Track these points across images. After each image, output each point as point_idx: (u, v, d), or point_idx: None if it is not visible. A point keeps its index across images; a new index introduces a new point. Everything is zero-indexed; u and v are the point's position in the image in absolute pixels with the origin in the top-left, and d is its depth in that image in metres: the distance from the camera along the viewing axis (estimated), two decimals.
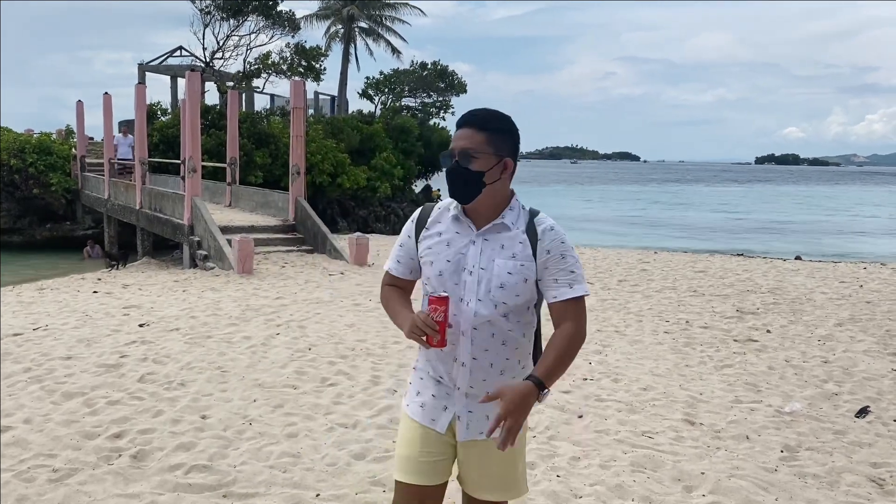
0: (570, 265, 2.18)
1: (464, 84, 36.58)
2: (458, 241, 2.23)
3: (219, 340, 6.97)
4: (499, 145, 2.19)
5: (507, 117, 2.25)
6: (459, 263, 2.21)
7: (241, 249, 11.21)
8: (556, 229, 2.21)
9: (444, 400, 2.28)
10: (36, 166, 22.40)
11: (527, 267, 2.17)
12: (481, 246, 2.21)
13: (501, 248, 2.20)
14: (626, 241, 25.49)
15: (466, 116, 2.23)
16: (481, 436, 2.22)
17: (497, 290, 2.17)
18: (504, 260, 2.18)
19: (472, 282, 2.19)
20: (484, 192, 2.19)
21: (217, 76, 25.75)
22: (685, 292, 10.40)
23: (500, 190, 2.22)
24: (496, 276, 2.17)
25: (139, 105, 16.25)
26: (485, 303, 2.17)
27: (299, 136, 14.25)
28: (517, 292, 2.17)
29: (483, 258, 2.20)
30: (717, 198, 62.86)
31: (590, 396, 5.48)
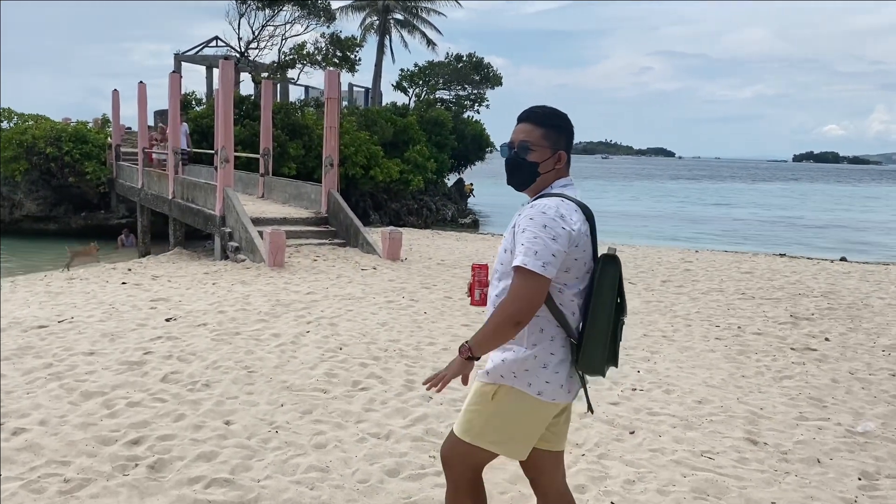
0: (524, 239, 2.28)
1: (499, 77, 36.06)
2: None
3: (247, 338, 6.68)
4: (555, 140, 2.42)
5: (563, 115, 2.49)
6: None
7: (272, 242, 10.95)
8: (535, 207, 2.33)
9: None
10: (71, 155, 22.47)
11: (508, 239, 2.41)
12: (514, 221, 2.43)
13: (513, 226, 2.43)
14: (663, 238, 24.87)
15: (527, 112, 2.48)
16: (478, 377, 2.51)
17: (496, 260, 2.49)
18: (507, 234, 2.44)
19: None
20: (539, 181, 2.45)
21: (252, 67, 25.60)
22: (733, 295, 9.90)
23: (551, 179, 2.45)
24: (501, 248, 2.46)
25: (173, 94, 16.09)
26: (495, 270, 2.50)
27: (333, 128, 13.96)
28: (501, 261, 2.44)
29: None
30: (754, 195, 61.50)
31: (641, 409, 5.07)
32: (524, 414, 2.40)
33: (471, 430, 2.44)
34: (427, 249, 14.67)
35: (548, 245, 2.25)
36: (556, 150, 2.42)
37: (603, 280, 2.35)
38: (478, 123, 35.26)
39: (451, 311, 8.19)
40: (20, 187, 23.10)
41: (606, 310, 2.34)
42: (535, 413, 2.41)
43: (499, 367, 2.39)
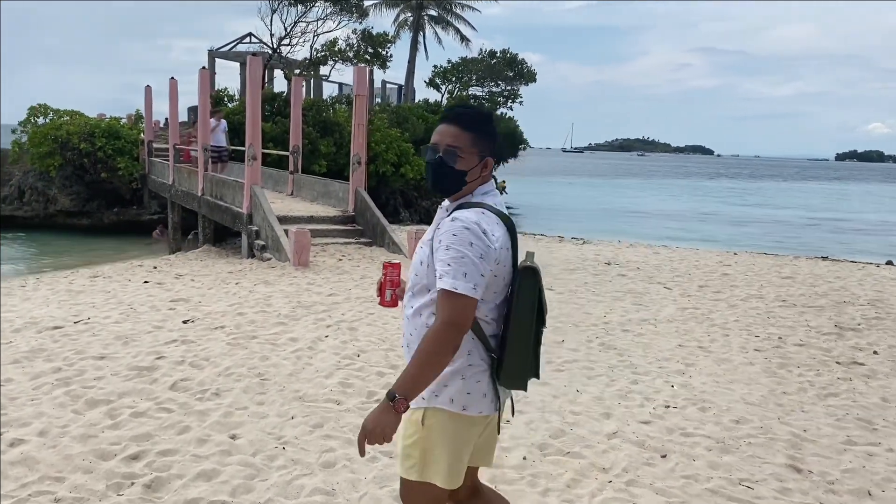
0: (448, 257, 2.14)
1: (533, 73, 35.66)
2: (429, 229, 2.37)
3: (263, 342, 6.47)
4: (483, 145, 2.29)
5: (490, 116, 2.36)
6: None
7: (297, 241, 10.76)
8: (456, 221, 2.18)
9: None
10: (104, 150, 22.63)
11: (423, 251, 2.28)
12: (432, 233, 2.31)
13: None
14: (700, 239, 24.26)
15: (454, 113, 2.32)
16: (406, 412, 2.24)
17: (412, 274, 2.32)
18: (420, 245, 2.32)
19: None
20: (466, 187, 2.31)
21: (284, 63, 25.55)
22: (773, 302, 9.45)
23: (473, 187, 2.31)
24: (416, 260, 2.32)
25: (202, 90, 16.03)
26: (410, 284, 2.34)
27: (361, 125, 13.74)
28: (416, 272, 2.30)
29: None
30: (795, 195, 60.11)
31: (674, 429, 4.73)
32: (454, 434, 2.28)
33: (414, 465, 2.30)
34: None
35: (476, 265, 2.14)
36: (483, 156, 2.30)
37: (522, 293, 2.25)
38: (511, 120, 34.88)
39: None
40: (54, 182, 23.33)
41: (526, 324, 2.25)
42: (465, 431, 2.30)
43: (432, 390, 2.26)
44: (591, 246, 15.89)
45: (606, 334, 7.31)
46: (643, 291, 9.83)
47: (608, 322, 7.83)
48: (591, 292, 9.59)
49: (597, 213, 34.74)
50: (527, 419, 4.77)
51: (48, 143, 22.81)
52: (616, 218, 32.62)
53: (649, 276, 11.31)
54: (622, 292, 9.71)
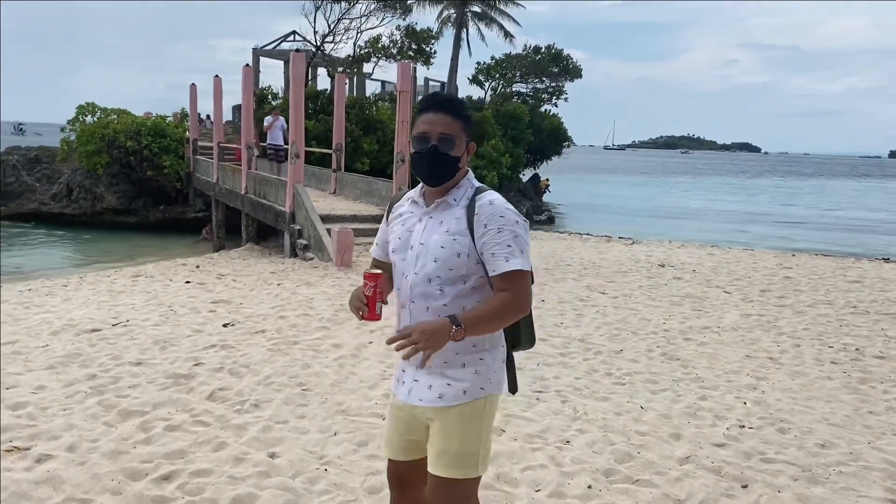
0: (507, 239, 2.17)
1: (578, 69, 34.95)
2: (409, 220, 2.35)
3: (305, 348, 6.17)
4: (469, 131, 2.30)
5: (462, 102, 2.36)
6: (407, 240, 2.31)
7: (339, 241, 10.49)
8: (496, 203, 2.21)
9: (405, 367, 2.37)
10: (150, 148, 22.74)
11: (459, 241, 2.21)
12: (426, 223, 2.29)
13: (440, 224, 2.26)
14: (752, 238, 23.44)
15: (440, 101, 2.30)
16: (420, 402, 2.27)
17: (431, 265, 2.22)
18: (439, 235, 2.23)
19: (412, 256, 2.28)
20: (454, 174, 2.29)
21: (328, 61, 25.41)
22: (843, 308, 8.85)
23: (463, 174, 2.32)
24: (431, 251, 2.23)
25: (246, 87, 15.90)
26: (420, 276, 2.25)
27: (405, 122, 13.41)
28: (450, 266, 2.21)
29: (424, 234, 2.27)
30: (848, 193, 58.22)
31: (752, 454, 4.28)
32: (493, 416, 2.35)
33: (478, 461, 2.26)
34: None
35: (526, 241, 2.22)
36: (468, 141, 2.32)
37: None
38: (555, 117, 34.28)
39: None
40: (101, 180, 23.56)
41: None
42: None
43: (476, 382, 2.26)
44: (641, 246, 15.33)
45: (668, 343, 6.85)
46: (702, 296, 9.31)
47: (668, 330, 7.37)
48: (646, 296, 9.11)
49: (643, 212, 33.97)
50: (589, 439, 4.37)
51: (95, 141, 23.03)
52: (663, 217, 31.84)
53: (706, 279, 10.77)
54: (680, 297, 9.21)
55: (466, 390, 2.23)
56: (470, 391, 2.23)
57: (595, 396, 5.20)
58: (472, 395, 2.23)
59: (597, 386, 5.45)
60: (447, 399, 2.23)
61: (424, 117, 2.28)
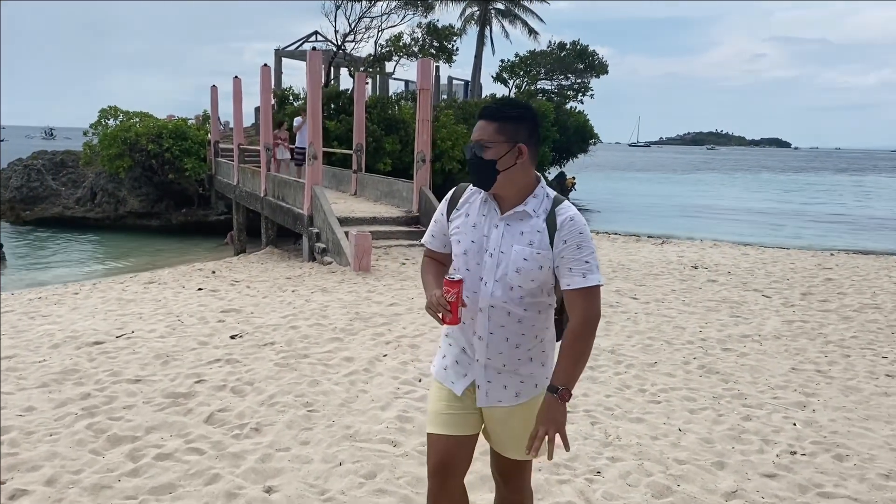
0: (585, 255, 2.24)
1: (605, 64, 34.34)
2: (483, 225, 2.35)
3: (315, 362, 5.78)
4: (511, 133, 2.28)
5: (520, 104, 2.34)
6: (482, 245, 2.34)
7: (357, 245, 10.11)
8: (576, 220, 2.26)
9: (465, 367, 2.42)
10: (171, 151, 22.61)
11: (543, 255, 2.27)
12: (503, 230, 2.32)
13: (521, 235, 2.29)
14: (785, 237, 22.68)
15: (483, 108, 2.35)
16: (500, 403, 2.38)
17: (513, 274, 2.28)
18: (522, 246, 2.28)
19: (492, 264, 2.32)
20: (500, 179, 2.29)
21: (349, 60, 25.09)
22: (892, 312, 8.28)
23: (519, 176, 2.30)
24: (513, 262, 2.28)
25: (264, 87, 15.61)
26: (501, 284, 2.30)
27: (426, 121, 13.02)
28: (532, 277, 2.28)
29: (503, 243, 2.31)
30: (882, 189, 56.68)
31: (808, 487, 3.80)
32: None
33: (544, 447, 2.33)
34: None
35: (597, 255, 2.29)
36: (514, 143, 2.28)
37: None
38: (581, 114, 33.69)
39: None
40: (124, 184, 23.48)
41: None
42: None
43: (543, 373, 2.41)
44: (672, 246, 14.78)
45: (705, 354, 6.35)
46: (739, 300, 8.78)
47: (705, 339, 6.87)
48: (680, 301, 8.60)
49: (672, 210, 33.22)
50: (622, 470, 3.92)
51: (118, 144, 22.95)
52: (693, 216, 31.07)
53: (743, 281, 10.22)
54: (716, 301, 8.69)
55: (538, 383, 2.38)
56: (541, 383, 2.37)
57: (628, 417, 4.74)
58: (542, 387, 2.35)
59: (630, 405, 4.99)
60: (524, 395, 2.37)
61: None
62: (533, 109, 2.35)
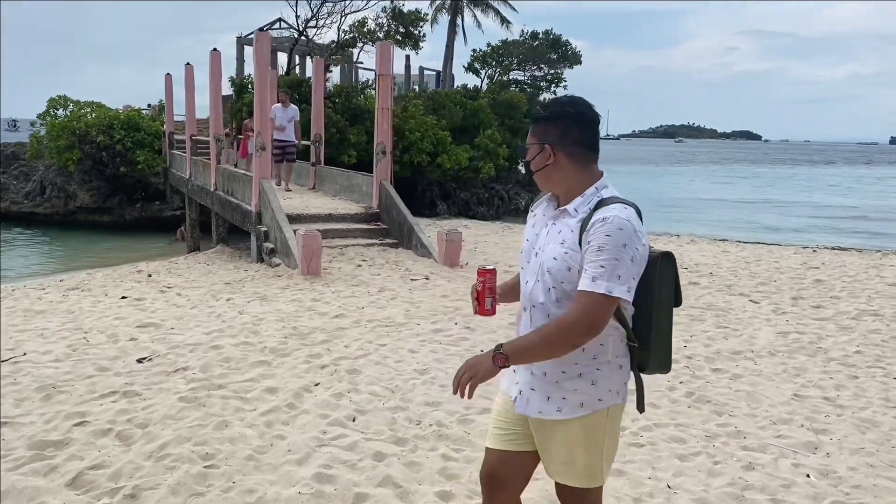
0: (603, 259, 2.07)
1: (578, 55, 33.49)
2: (538, 224, 2.33)
3: (230, 395, 4.81)
4: (541, 134, 2.26)
5: (556, 102, 2.28)
6: (533, 244, 2.31)
7: (305, 246, 9.11)
8: (609, 221, 2.09)
9: (518, 372, 2.33)
10: (123, 143, 21.40)
11: (571, 256, 2.17)
12: (549, 229, 2.27)
13: (558, 234, 2.23)
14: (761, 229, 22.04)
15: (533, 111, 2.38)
16: (539, 414, 2.25)
17: (546, 275, 2.21)
18: (555, 245, 2.21)
19: (535, 263, 2.27)
20: (537, 179, 2.30)
21: (311, 47, 23.97)
22: (894, 320, 7.49)
23: (558, 177, 2.26)
24: (546, 261, 2.22)
25: (214, 74, 14.51)
26: (540, 284, 2.24)
27: (386, 109, 12.02)
28: (562, 279, 2.18)
29: (545, 241, 2.25)
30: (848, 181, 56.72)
31: None
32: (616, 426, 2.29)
33: (601, 472, 2.26)
34: (493, 249, 12.61)
35: (629, 267, 2.08)
36: (542, 144, 2.25)
37: (664, 279, 2.21)
38: None
39: None
40: (74, 177, 22.22)
41: (666, 311, 2.23)
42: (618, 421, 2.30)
43: (594, 394, 2.19)
44: None
45: (693, 377, 5.48)
46: (725, 307, 7.95)
47: (691, 356, 6.00)
48: None
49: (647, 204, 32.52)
50: None
51: (66, 136, 21.70)
52: (667, 208, 30.42)
53: (727, 283, 9.40)
54: (700, 308, 7.84)
55: (584, 403, 2.20)
56: (588, 404, 2.20)
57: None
58: (590, 408, 2.20)
59: None
60: (565, 412, 2.21)
61: None
62: (569, 109, 2.23)
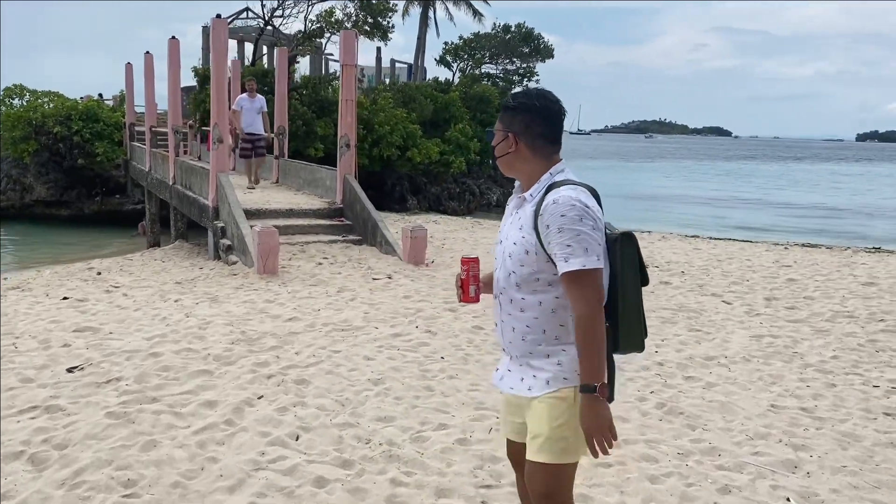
0: (567, 238, 2.17)
1: (550, 48, 33.23)
2: (506, 214, 2.46)
3: (164, 409, 4.39)
4: (508, 122, 2.35)
5: (525, 94, 2.38)
6: (500, 233, 2.45)
7: (261, 244, 8.67)
8: (560, 202, 2.19)
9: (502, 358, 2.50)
10: (81, 134, 20.67)
11: (527, 240, 2.26)
12: (512, 218, 2.39)
13: (518, 220, 2.33)
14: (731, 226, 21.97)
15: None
16: (511, 391, 2.39)
17: (508, 260, 2.33)
18: (514, 231, 2.33)
19: (500, 250, 2.40)
20: (500, 165, 2.43)
21: (277, 38, 23.40)
22: (870, 322, 7.26)
23: (519, 165, 2.36)
24: (507, 247, 2.34)
25: (172, 63, 13.94)
26: (502, 271, 2.37)
27: (350, 101, 11.58)
28: (521, 262, 2.28)
29: (508, 229, 2.38)
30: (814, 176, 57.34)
31: None
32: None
33: (567, 447, 2.29)
34: (461, 246, 12.26)
35: (592, 237, 2.18)
36: (506, 132, 2.35)
37: (626, 259, 2.29)
38: None
39: (478, 355, 5.77)
40: (30, 170, 21.44)
41: (632, 290, 2.30)
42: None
43: (559, 373, 2.29)
44: None
45: (664, 385, 5.18)
46: (697, 308, 7.67)
47: (663, 363, 5.70)
48: None
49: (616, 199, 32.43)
50: None
51: (22, 126, 20.93)
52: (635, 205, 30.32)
53: (699, 283, 9.14)
54: (671, 310, 7.56)
55: (549, 380, 2.29)
56: (553, 381, 2.28)
57: None
58: (555, 385, 2.28)
59: None
60: (535, 389, 2.31)
61: None
62: (535, 102, 2.32)
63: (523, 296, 2.29)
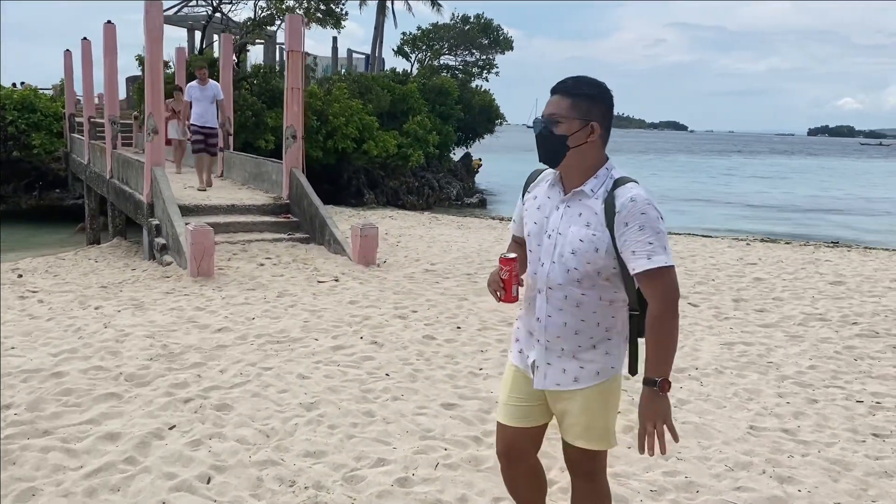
0: (648, 237, 2.18)
1: (510, 40, 32.77)
2: (546, 206, 2.38)
3: (53, 447, 3.73)
4: (585, 110, 2.27)
5: (596, 83, 2.32)
6: (543, 226, 2.36)
7: (195, 244, 7.98)
8: (637, 200, 2.21)
9: (528, 349, 2.46)
10: (16, 125, 19.59)
11: (598, 237, 2.25)
12: (563, 211, 2.32)
13: (579, 216, 2.29)
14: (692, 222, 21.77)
15: (558, 83, 2.35)
16: (558, 387, 2.37)
17: (569, 256, 2.28)
18: (578, 227, 2.27)
19: (550, 245, 2.34)
20: (569, 156, 2.30)
21: (226, 25, 22.48)
22: (844, 326, 6.89)
23: (587, 155, 2.30)
24: (569, 243, 2.28)
25: (108, 49, 13.07)
26: (557, 266, 2.32)
27: (296, 89, 10.88)
28: (588, 260, 2.26)
29: (562, 223, 2.32)
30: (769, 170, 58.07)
31: None
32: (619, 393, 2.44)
33: (611, 433, 2.41)
34: (417, 244, 11.67)
35: (666, 236, 2.23)
36: (586, 120, 2.26)
37: None
38: (487, 94, 31.95)
39: (429, 371, 5.20)
40: None
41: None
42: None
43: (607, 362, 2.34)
44: None
45: (631, 404, 4.65)
46: None
47: (627, 376, 5.19)
48: None
49: None
50: None
51: None
52: None
53: None
54: None
55: (599, 371, 2.33)
56: (603, 371, 2.33)
57: None
58: (605, 375, 2.34)
59: None
60: (583, 381, 2.33)
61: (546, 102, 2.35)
62: (608, 90, 2.31)
63: (583, 291, 2.30)
